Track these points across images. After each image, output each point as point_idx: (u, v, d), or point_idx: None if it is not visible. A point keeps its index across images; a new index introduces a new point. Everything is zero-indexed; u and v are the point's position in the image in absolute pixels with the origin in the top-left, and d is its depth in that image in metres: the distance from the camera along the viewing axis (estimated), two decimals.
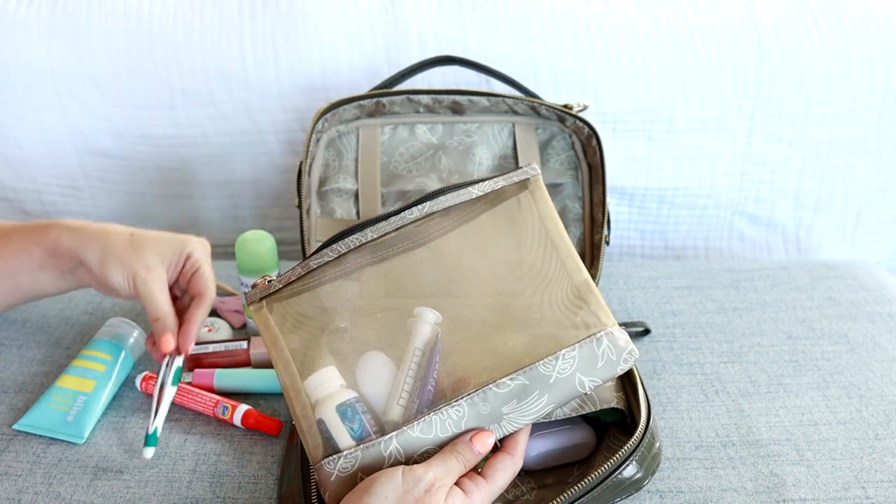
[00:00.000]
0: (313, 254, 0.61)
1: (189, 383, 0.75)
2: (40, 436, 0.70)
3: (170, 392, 0.68)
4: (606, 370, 0.58)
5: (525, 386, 0.56)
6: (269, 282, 0.61)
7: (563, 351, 0.57)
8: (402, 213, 0.60)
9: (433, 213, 0.61)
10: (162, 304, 0.69)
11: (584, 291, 0.60)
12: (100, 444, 0.69)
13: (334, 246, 0.60)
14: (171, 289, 0.72)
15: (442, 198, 0.61)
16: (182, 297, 0.74)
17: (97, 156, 1.04)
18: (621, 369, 0.58)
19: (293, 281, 0.60)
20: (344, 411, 0.56)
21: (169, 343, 0.68)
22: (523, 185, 0.63)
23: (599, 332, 0.58)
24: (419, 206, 0.61)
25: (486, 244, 0.62)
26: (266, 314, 0.61)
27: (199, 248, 0.72)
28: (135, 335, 0.79)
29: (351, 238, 0.60)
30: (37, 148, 1.03)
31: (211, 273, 0.72)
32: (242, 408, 0.71)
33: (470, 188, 0.61)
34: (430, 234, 0.62)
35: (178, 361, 0.70)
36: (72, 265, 0.72)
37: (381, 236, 0.60)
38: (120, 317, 0.81)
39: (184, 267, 0.72)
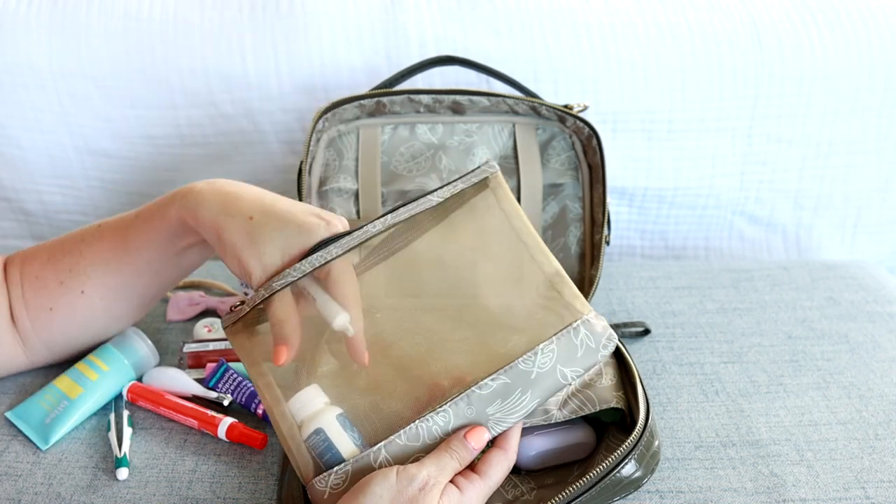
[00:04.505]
0: (276, 274, 0.59)
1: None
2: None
3: (127, 432, 0.69)
4: (587, 359, 0.58)
5: (507, 385, 0.56)
6: (240, 304, 0.60)
7: (542, 345, 0.57)
8: (364, 228, 0.60)
9: (396, 224, 0.60)
10: (280, 313, 0.57)
11: (557, 282, 0.60)
12: (99, 444, 0.69)
13: (298, 266, 0.58)
14: None
15: (402, 209, 0.61)
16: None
17: (97, 156, 1.04)
18: (602, 356, 0.58)
19: (258, 304, 0.58)
20: (343, 422, 0.56)
21: (281, 355, 0.56)
22: (483, 184, 0.63)
23: (576, 321, 0.58)
24: (381, 220, 0.60)
25: (452, 249, 0.62)
26: (243, 338, 0.59)
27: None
28: (144, 350, 0.76)
29: (315, 256, 0.58)
30: (37, 148, 1.03)
31: (346, 282, 0.59)
32: (227, 420, 0.69)
33: (430, 196, 0.61)
34: (396, 245, 0.61)
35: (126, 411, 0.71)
36: (200, 238, 0.66)
37: (345, 252, 0.59)
38: (135, 328, 0.77)
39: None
